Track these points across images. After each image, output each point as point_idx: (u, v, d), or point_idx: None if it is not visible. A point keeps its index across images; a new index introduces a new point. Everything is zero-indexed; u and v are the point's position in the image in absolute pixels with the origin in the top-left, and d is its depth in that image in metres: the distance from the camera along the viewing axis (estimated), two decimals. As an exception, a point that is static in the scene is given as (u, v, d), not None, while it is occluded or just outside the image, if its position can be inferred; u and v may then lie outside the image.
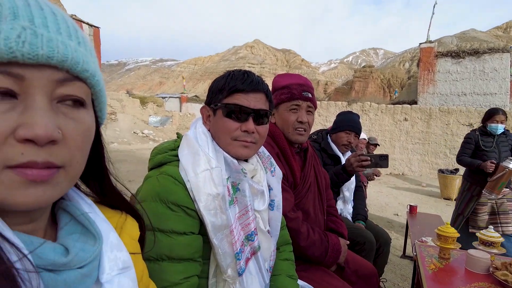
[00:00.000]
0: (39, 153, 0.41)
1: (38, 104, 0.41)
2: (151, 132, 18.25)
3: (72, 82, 0.44)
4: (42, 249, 0.44)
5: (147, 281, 0.70)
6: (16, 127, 0.39)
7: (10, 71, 0.39)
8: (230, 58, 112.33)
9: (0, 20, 0.38)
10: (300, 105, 1.61)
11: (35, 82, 0.41)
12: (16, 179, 0.40)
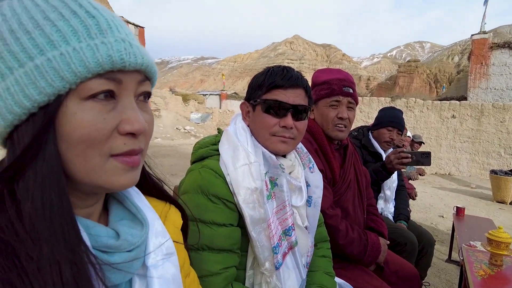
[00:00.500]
0: (136, 142, 0.49)
1: (132, 104, 0.50)
2: (192, 128, 18.77)
3: (146, 81, 0.52)
4: (97, 232, 0.50)
5: (188, 269, 0.73)
6: (119, 123, 0.48)
7: (114, 77, 0.47)
8: (269, 55, 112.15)
9: (102, 34, 0.46)
10: (340, 101, 1.58)
11: (129, 85, 0.49)
12: (119, 166, 0.48)
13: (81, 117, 0.45)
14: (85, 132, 0.45)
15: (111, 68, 0.46)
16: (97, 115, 0.46)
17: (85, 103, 0.46)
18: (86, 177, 0.47)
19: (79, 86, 0.45)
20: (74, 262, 0.42)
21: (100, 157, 0.47)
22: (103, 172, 0.48)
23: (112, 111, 0.48)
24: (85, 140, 0.46)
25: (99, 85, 0.46)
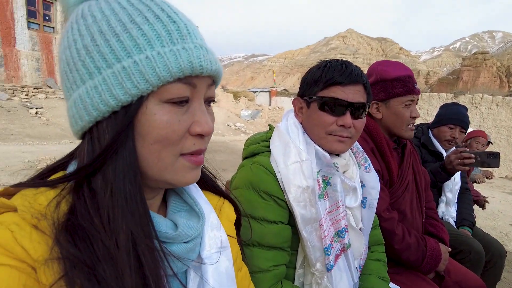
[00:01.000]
0: (203, 142, 0.53)
1: (202, 107, 0.53)
2: (242, 125, 19.07)
3: (213, 86, 0.55)
4: (157, 223, 0.52)
5: (241, 263, 0.74)
6: (191, 124, 0.51)
7: (190, 82, 0.50)
8: (321, 50, 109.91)
9: (182, 39, 0.49)
10: (413, 100, 1.50)
11: (201, 89, 0.52)
12: (187, 164, 0.52)
13: (160, 118, 0.49)
14: (163, 132, 0.49)
15: (191, 73, 0.49)
16: (174, 117, 0.50)
17: (164, 105, 0.49)
18: (157, 173, 0.51)
19: (160, 89, 0.48)
20: (149, 250, 0.46)
21: (172, 156, 0.51)
22: (172, 170, 0.52)
23: (186, 113, 0.51)
24: (161, 140, 0.49)
25: (178, 90, 0.49)
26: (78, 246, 0.43)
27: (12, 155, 5.84)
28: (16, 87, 10.35)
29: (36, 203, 0.45)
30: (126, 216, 0.45)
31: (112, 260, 0.43)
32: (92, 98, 0.47)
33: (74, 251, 0.42)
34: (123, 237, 0.44)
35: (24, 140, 7.66)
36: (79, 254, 0.42)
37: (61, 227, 0.43)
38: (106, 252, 0.43)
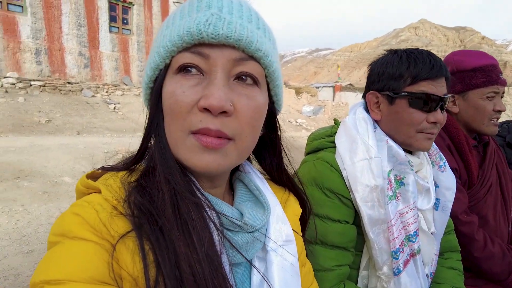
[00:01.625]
0: (213, 121, 0.47)
1: (217, 80, 0.47)
2: (304, 121, 18.85)
3: (247, 61, 0.49)
4: (224, 210, 0.52)
5: (305, 259, 0.72)
6: (200, 98, 0.47)
7: (199, 51, 0.47)
8: (390, 42, 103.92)
9: (198, 11, 0.48)
10: (498, 92, 1.34)
11: (217, 60, 0.47)
12: (195, 144, 0.48)
13: (167, 89, 0.49)
14: (166, 103, 0.49)
15: (191, 40, 0.47)
16: (178, 88, 0.48)
17: (173, 77, 0.49)
18: (173, 150, 0.50)
19: (172, 61, 0.49)
20: (191, 203, 0.47)
21: (180, 132, 0.48)
22: (184, 148, 0.49)
23: (196, 86, 0.48)
24: (168, 112, 0.49)
25: (184, 59, 0.48)
26: (143, 202, 0.47)
27: (94, 146, 6.50)
28: (98, 85, 11.48)
29: (115, 184, 0.49)
30: (167, 182, 0.48)
31: (164, 213, 0.46)
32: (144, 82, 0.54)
33: (141, 206, 0.46)
34: (167, 195, 0.47)
35: (104, 133, 8.48)
36: (145, 208, 0.46)
37: (131, 189, 0.49)
38: (161, 206, 0.46)
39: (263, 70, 0.51)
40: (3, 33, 9.80)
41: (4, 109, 8.25)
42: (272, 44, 0.54)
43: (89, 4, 11.52)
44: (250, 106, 0.49)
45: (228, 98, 0.47)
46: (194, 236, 0.45)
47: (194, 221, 0.46)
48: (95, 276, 0.40)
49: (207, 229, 0.46)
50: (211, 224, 0.48)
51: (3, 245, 2.99)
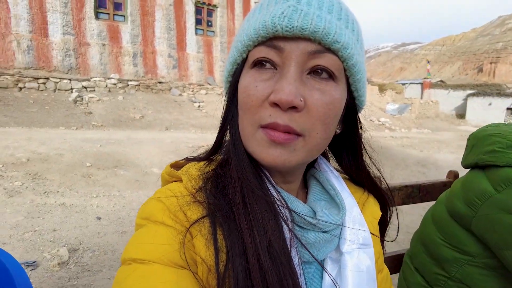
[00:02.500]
0: (282, 116, 0.45)
1: (289, 74, 0.45)
2: (387, 120, 17.75)
3: (323, 54, 0.46)
4: (296, 207, 0.51)
5: (381, 265, 0.68)
6: (271, 92, 0.46)
7: (274, 45, 0.46)
8: (492, 32, 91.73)
9: (276, 3, 0.48)
10: None
11: (291, 54, 0.45)
12: (263, 138, 0.47)
13: (241, 83, 0.50)
14: (240, 97, 0.49)
15: (266, 33, 0.46)
16: (251, 82, 0.48)
17: (249, 71, 0.49)
18: (245, 143, 0.50)
19: (248, 55, 0.49)
20: (258, 198, 0.47)
21: (251, 126, 0.48)
22: (253, 141, 0.49)
23: (269, 80, 0.47)
24: (241, 106, 0.49)
25: (259, 52, 0.47)
26: (217, 191, 0.49)
27: (180, 141, 7.04)
28: (185, 85, 12.39)
29: (195, 174, 0.52)
30: (238, 173, 0.49)
31: (234, 203, 0.47)
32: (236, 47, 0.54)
33: (216, 194, 0.49)
34: (238, 186, 0.48)
35: (189, 129, 9.13)
36: (219, 196, 0.48)
37: (208, 178, 0.52)
38: (232, 196, 0.48)
39: (342, 63, 0.48)
40: (109, 40, 11.19)
41: (107, 106, 9.43)
42: (356, 35, 0.50)
43: (178, 9, 12.49)
44: (323, 101, 0.47)
45: (299, 93, 0.45)
46: (260, 227, 0.45)
47: (262, 213, 0.46)
48: (173, 259, 0.43)
49: (275, 222, 0.46)
50: (280, 217, 0.48)
51: (104, 224, 3.43)
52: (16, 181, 4.20)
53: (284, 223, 0.47)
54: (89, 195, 4.11)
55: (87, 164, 4.92)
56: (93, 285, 2.44)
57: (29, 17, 9.77)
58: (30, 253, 2.78)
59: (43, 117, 7.96)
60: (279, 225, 0.46)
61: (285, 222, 0.47)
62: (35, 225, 3.27)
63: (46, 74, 9.78)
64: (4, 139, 5.37)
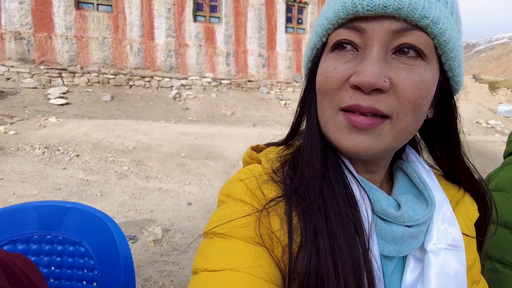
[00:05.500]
0: (365, 98, 0.43)
1: (372, 55, 0.42)
2: (498, 123, 15.43)
3: (409, 31, 0.42)
4: (378, 196, 0.48)
5: (478, 275, 0.59)
6: (351, 74, 0.44)
7: (355, 26, 0.44)
8: None
9: None
10: None
11: (374, 34, 0.43)
12: (343, 122, 0.45)
13: (321, 66, 0.48)
14: (318, 79, 0.48)
15: (346, 15, 0.44)
16: (330, 65, 0.46)
17: (328, 55, 0.48)
18: (323, 127, 0.49)
19: (328, 39, 0.48)
20: (330, 182, 0.47)
21: (331, 109, 0.46)
22: (332, 125, 0.47)
23: (349, 62, 0.45)
24: (319, 88, 0.48)
25: (338, 35, 0.46)
26: (294, 173, 0.50)
27: (266, 137, 7.17)
28: (273, 83, 12.63)
29: (273, 156, 0.54)
30: (311, 167, 0.48)
31: (309, 188, 0.47)
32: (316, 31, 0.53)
33: (293, 176, 0.49)
34: (312, 171, 0.48)
35: (275, 126, 9.29)
36: (295, 179, 0.49)
37: (285, 161, 0.53)
38: (307, 180, 0.48)
39: (431, 41, 0.43)
40: (205, 41, 12.02)
41: (202, 103, 10.16)
42: (449, 8, 0.44)
43: (269, 8, 12.78)
44: (412, 80, 0.43)
45: (383, 74, 0.42)
46: (336, 214, 0.44)
47: (338, 200, 0.45)
48: (250, 235, 0.44)
49: (352, 211, 0.45)
50: (358, 207, 0.45)
51: (193, 209, 3.71)
52: (124, 165, 4.81)
53: (363, 212, 0.45)
54: (183, 182, 4.49)
55: (182, 155, 5.37)
56: (181, 263, 2.65)
57: (140, 23, 11.08)
58: (132, 228, 3.16)
59: (147, 111, 8.96)
60: (356, 214, 0.45)
61: (366, 211, 0.45)
62: (137, 205, 3.69)
63: (151, 73, 10.98)
64: (117, 130, 6.19)
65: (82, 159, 4.96)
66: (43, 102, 8.26)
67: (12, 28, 9.74)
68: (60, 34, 10.20)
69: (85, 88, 9.59)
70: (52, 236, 0.85)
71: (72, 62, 10.35)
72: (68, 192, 3.87)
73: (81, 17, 10.40)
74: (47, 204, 0.86)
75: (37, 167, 4.52)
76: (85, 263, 0.84)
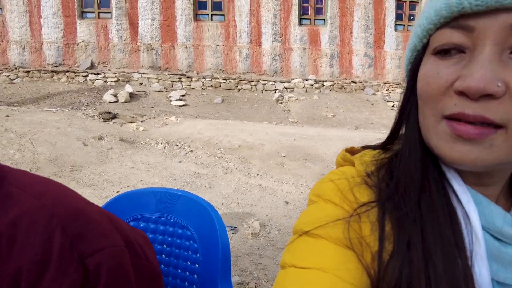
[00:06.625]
0: (472, 106, 0.38)
1: (482, 55, 0.37)
2: None
3: None
4: (490, 212, 0.43)
5: None
6: (456, 79, 0.39)
7: (461, 25, 0.38)
8: None
9: None
10: None
11: (485, 32, 0.37)
12: (447, 131, 0.40)
13: (421, 71, 0.44)
14: (419, 85, 0.44)
15: (449, 13, 0.39)
16: (432, 69, 0.41)
17: (430, 57, 0.43)
18: (425, 136, 0.44)
19: (430, 40, 0.43)
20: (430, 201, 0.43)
21: (434, 116, 0.42)
22: (434, 134, 0.42)
23: (454, 65, 0.40)
24: (420, 95, 0.44)
25: (441, 36, 0.41)
26: (390, 179, 0.48)
27: (369, 140, 6.77)
28: (379, 83, 11.94)
29: (368, 160, 0.52)
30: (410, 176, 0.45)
31: (405, 197, 0.44)
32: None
33: (388, 182, 0.47)
34: (409, 180, 0.45)
35: (380, 129, 8.76)
36: (391, 185, 0.46)
37: (381, 165, 0.50)
38: (403, 189, 0.45)
39: None
40: (309, 43, 12.08)
41: (303, 105, 10.24)
42: None
43: (377, 6, 12.10)
44: None
45: (496, 77, 0.36)
46: (434, 228, 0.41)
47: (438, 213, 0.42)
48: (339, 237, 0.43)
49: (453, 226, 0.41)
50: (460, 222, 0.41)
51: (290, 208, 3.80)
52: (230, 162, 5.21)
53: (465, 229, 0.41)
54: (281, 181, 4.63)
55: (282, 155, 5.54)
56: (276, 259, 2.76)
57: (248, 30, 11.76)
58: (234, 219, 3.41)
59: (252, 113, 9.47)
60: (458, 230, 0.40)
61: (467, 228, 0.41)
62: (239, 198, 3.97)
63: (257, 78, 11.55)
64: (225, 129, 6.73)
65: (195, 154, 5.55)
66: (166, 103, 9.53)
67: (145, 41, 11.47)
68: (181, 44, 11.57)
69: (200, 91, 10.69)
70: (166, 218, 0.99)
71: (190, 68, 11.63)
72: (182, 182, 4.40)
73: (198, 28, 11.59)
74: (163, 191, 1.02)
75: (159, 159, 5.26)
76: (190, 246, 0.94)
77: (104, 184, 4.23)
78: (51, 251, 0.49)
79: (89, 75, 11.02)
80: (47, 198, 0.53)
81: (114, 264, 0.55)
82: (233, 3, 11.57)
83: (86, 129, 6.02)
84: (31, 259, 0.48)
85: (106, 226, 0.59)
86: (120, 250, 0.59)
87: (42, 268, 0.48)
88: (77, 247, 0.51)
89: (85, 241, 0.53)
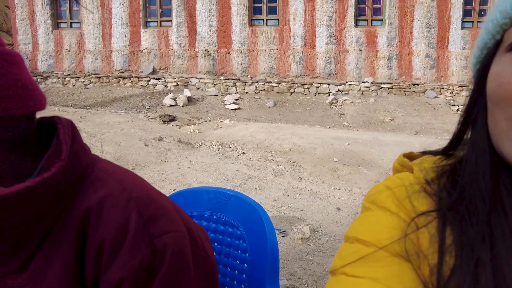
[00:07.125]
0: None
1: None
2: None
3: None
4: None
5: None
6: None
7: None
8: None
9: None
10: None
11: None
12: None
13: (493, 70, 0.40)
14: (490, 86, 0.40)
15: None
16: (506, 68, 0.38)
17: (504, 55, 0.39)
18: (495, 142, 0.41)
19: (504, 36, 0.40)
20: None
21: (506, 120, 0.38)
22: (508, 140, 0.38)
23: None
24: (491, 96, 0.40)
25: None
26: (453, 188, 0.44)
27: (430, 146, 6.40)
28: (442, 86, 11.12)
29: (428, 166, 0.49)
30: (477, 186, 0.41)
31: (472, 209, 0.41)
32: None
33: (450, 190, 0.44)
34: (477, 190, 0.41)
35: (442, 134, 8.17)
36: (453, 194, 0.43)
37: (443, 172, 0.47)
38: (469, 200, 0.42)
39: None
40: (366, 45, 11.67)
41: (359, 108, 9.91)
42: None
43: (441, 3, 11.31)
44: None
45: None
46: (503, 245, 0.37)
47: (511, 231, 0.38)
48: (395, 247, 0.41)
49: None
50: None
51: (342, 215, 3.70)
52: (281, 165, 5.22)
53: None
54: (333, 187, 4.53)
55: (335, 159, 5.41)
56: (326, 266, 2.71)
57: (302, 34, 11.70)
58: (283, 223, 3.41)
59: (304, 116, 9.39)
60: None
61: None
62: (289, 202, 3.96)
63: (310, 81, 11.44)
64: (277, 132, 6.76)
65: (247, 156, 5.66)
66: (221, 107, 9.84)
67: (203, 47, 11.96)
68: (236, 49, 11.87)
69: (253, 95, 10.88)
70: (217, 217, 1.03)
71: (244, 73, 11.88)
72: (234, 183, 4.50)
73: (253, 33, 11.80)
74: (215, 190, 1.06)
75: (213, 160, 5.44)
76: (239, 245, 0.95)
77: (162, 182, 4.49)
78: (128, 228, 0.56)
79: (151, 80, 11.80)
80: (127, 183, 0.61)
81: (177, 249, 0.60)
82: (288, 7, 11.61)
83: (147, 131, 6.44)
84: (112, 233, 0.55)
85: (173, 213, 0.65)
86: (183, 236, 0.63)
87: (120, 241, 0.55)
88: (148, 228, 0.57)
89: (155, 223, 0.59)
